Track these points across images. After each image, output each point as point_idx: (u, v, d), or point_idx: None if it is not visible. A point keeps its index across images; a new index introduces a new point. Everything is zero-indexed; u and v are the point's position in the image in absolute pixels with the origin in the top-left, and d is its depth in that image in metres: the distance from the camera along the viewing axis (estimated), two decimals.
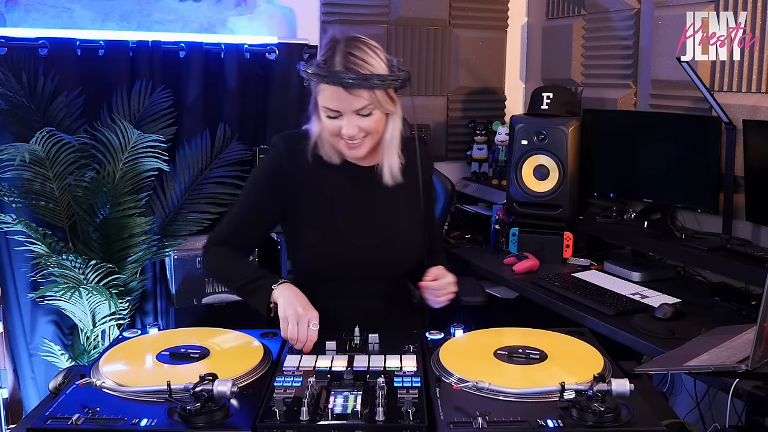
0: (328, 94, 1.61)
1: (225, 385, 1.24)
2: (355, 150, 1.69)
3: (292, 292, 1.65)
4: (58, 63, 2.96)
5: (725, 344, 1.52)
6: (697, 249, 2.51)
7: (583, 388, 1.22)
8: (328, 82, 1.59)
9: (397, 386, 1.34)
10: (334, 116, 1.64)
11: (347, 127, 1.63)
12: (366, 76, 1.58)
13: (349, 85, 1.57)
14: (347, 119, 1.62)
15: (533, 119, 3.07)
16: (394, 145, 1.74)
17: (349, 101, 1.60)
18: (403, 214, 1.80)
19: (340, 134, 1.65)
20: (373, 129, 1.66)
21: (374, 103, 1.62)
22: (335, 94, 1.60)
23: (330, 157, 1.75)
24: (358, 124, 1.63)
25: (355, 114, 1.62)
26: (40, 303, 2.98)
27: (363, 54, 1.60)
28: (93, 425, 1.24)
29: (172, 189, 3.11)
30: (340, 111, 1.62)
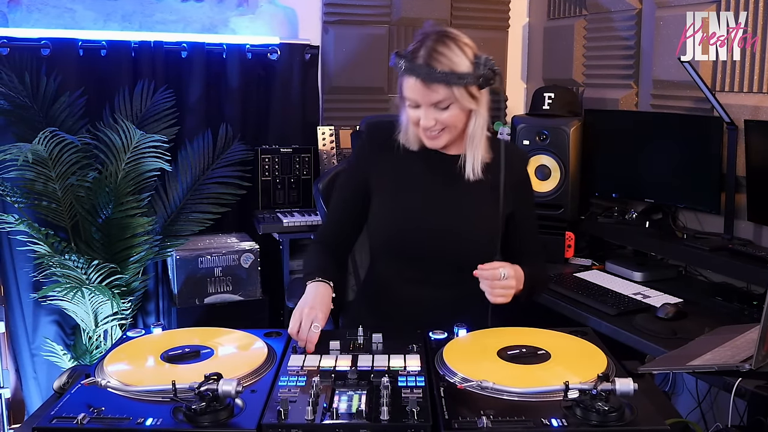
0: (410, 84, 1.67)
1: (230, 385, 1.24)
2: (433, 141, 1.74)
3: (315, 289, 1.69)
4: (60, 63, 2.97)
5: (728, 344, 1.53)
6: (699, 249, 2.51)
7: (587, 387, 1.23)
8: (409, 73, 1.65)
9: (401, 386, 1.34)
10: (414, 106, 1.70)
11: (424, 119, 1.69)
12: (445, 73, 1.63)
13: (427, 79, 1.63)
14: (424, 111, 1.68)
15: (535, 119, 3.07)
16: (477, 140, 1.76)
17: (426, 94, 1.65)
18: (477, 207, 1.81)
19: (418, 125, 1.72)
20: (450, 123, 1.70)
21: (451, 98, 1.66)
22: (414, 86, 1.66)
23: (409, 143, 1.81)
24: (436, 117, 1.68)
25: (433, 107, 1.67)
26: (42, 303, 2.99)
27: (448, 50, 1.65)
28: (98, 425, 1.24)
29: (174, 189, 3.12)
30: (418, 102, 1.68)
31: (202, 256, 3.01)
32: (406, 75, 1.67)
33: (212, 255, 3.02)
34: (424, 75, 1.63)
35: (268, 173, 3.22)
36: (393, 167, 1.82)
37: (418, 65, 1.63)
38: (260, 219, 3.13)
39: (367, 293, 2.01)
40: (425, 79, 1.63)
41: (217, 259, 3.03)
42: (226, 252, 3.03)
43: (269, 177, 3.22)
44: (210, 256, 3.02)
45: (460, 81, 1.65)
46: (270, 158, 3.22)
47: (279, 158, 3.24)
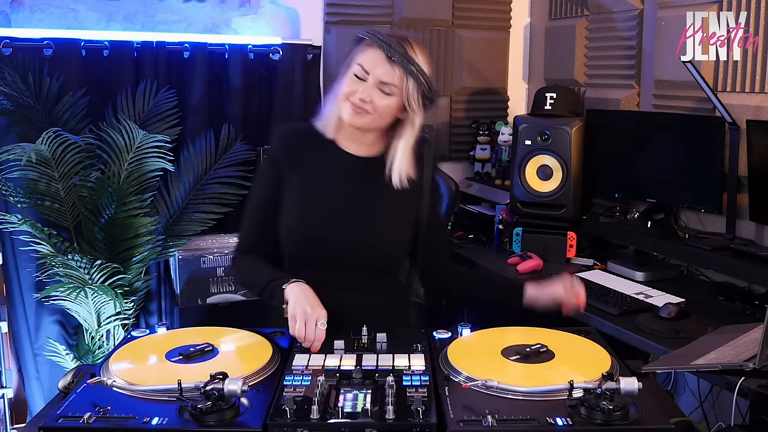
0: (369, 54, 1.68)
1: (236, 384, 1.25)
2: (356, 116, 1.71)
3: (301, 291, 1.66)
4: (62, 63, 2.97)
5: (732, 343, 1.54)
6: (701, 249, 2.52)
7: (592, 386, 1.23)
8: (379, 45, 1.67)
9: (406, 385, 1.35)
10: (361, 77, 1.69)
11: (363, 91, 1.68)
12: (410, 59, 1.67)
13: (391, 55, 1.66)
14: (367, 84, 1.68)
15: (537, 119, 3.07)
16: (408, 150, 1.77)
17: (382, 69, 1.67)
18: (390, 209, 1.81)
19: (351, 96, 1.70)
20: (382, 111, 1.71)
21: (401, 88, 1.69)
22: (375, 58, 1.67)
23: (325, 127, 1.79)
24: (373, 96, 1.68)
25: (378, 87, 1.68)
26: (44, 303, 2.99)
27: (417, 48, 1.71)
28: (104, 424, 1.25)
29: (177, 189, 3.12)
30: (368, 73, 1.68)
31: (205, 256, 3.01)
32: (372, 45, 1.68)
33: (214, 255, 3.03)
34: (392, 51, 1.66)
35: None
36: (304, 170, 1.79)
37: (389, 41, 1.68)
38: None
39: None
40: (390, 54, 1.66)
41: (219, 259, 3.03)
42: (228, 252, 3.03)
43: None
44: (212, 256, 3.02)
45: (418, 75, 1.68)
46: None
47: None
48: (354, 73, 1.70)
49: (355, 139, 1.80)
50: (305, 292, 1.65)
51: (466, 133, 3.75)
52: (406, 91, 1.69)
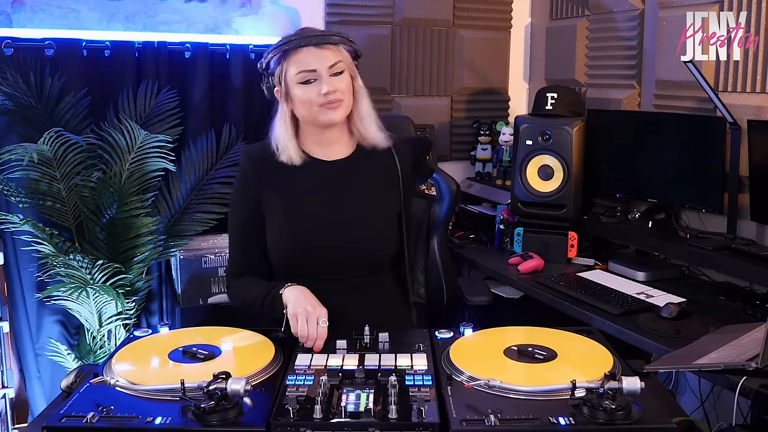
0: (301, 57, 1.71)
1: (239, 384, 1.25)
2: (335, 111, 1.74)
3: (299, 292, 1.68)
4: (64, 64, 2.96)
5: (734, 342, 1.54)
6: (702, 248, 2.52)
7: (594, 386, 1.23)
8: (301, 45, 1.70)
9: (408, 384, 1.35)
10: (311, 79, 1.71)
11: (326, 85, 1.70)
12: (329, 32, 1.76)
13: (319, 41, 1.70)
14: (325, 78, 1.70)
15: (538, 119, 3.07)
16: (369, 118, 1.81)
17: (322, 57, 1.70)
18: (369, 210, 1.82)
19: (317, 100, 1.71)
20: (347, 89, 1.75)
21: (343, 59, 1.74)
22: (309, 55, 1.70)
23: (290, 157, 1.79)
24: (334, 83, 1.71)
25: (329, 74, 1.71)
26: (46, 303, 2.99)
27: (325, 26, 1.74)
28: (108, 423, 1.25)
29: (178, 189, 3.12)
30: (315, 69, 1.70)
31: (206, 256, 3.02)
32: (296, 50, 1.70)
33: (216, 255, 3.03)
34: (315, 39, 1.70)
35: None
36: (279, 186, 1.81)
37: (306, 35, 1.72)
38: None
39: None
40: (317, 43, 1.70)
41: (220, 259, 3.03)
42: None
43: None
44: (213, 256, 3.03)
45: (342, 40, 1.74)
46: None
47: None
48: (299, 82, 1.72)
49: (322, 143, 1.82)
50: (303, 292, 1.67)
51: (466, 133, 3.75)
52: (345, 59, 1.75)
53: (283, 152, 1.79)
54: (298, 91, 1.72)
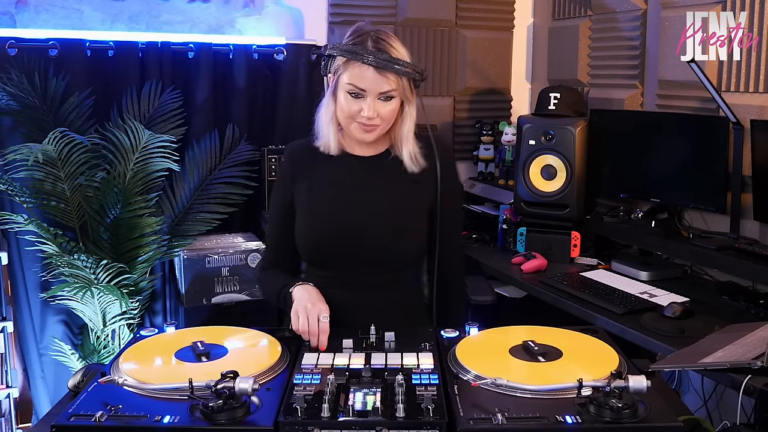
0: (357, 72, 1.65)
1: (246, 383, 1.26)
2: (368, 134, 1.72)
3: (304, 290, 1.69)
4: (68, 64, 2.97)
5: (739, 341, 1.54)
6: (706, 248, 2.52)
7: (601, 384, 1.24)
8: (361, 60, 1.63)
9: (415, 383, 1.35)
10: (357, 95, 1.67)
11: (368, 110, 1.67)
12: (396, 60, 1.65)
13: (382, 65, 1.63)
14: (369, 101, 1.67)
15: (541, 119, 3.08)
16: (411, 137, 1.77)
17: (377, 82, 1.65)
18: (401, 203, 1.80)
19: (356, 116, 1.69)
20: (388, 117, 1.71)
21: (399, 89, 1.67)
22: (365, 74, 1.65)
23: (328, 147, 1.78)
24: (378, 109, 1.68)
25: (378, 98, 1.67)
26: (49, 302, 3.00)
27: (393, 42, 1.68)
28: (116, 422, 1.25)
29: (182, 189, 3.13)
30: (365, 90, 1.66)
31: (210, 255, 3.02)
32: (355, 62, 1.64)
33: (219, 255, 3.03)
34: (378, 61, 1.63)
35: (275, 173, 3.23)
36: (312, 179, 1.81)
37: (370, 51, 1.63)
38: (266, 218, 3.14)
39: None
40: (379, 65, 1.63)
41: (224, 258, 3.04)
42: (233, 252, 3.04)
43: (276, 177, 3.22)
44: (217, 255, 3.03)
45: (408, 70, 1.66)
46: (276, 158, 3.22)
47: None
48: (348, 92, 1.68)
49: (360, 143, 1.81)
50: (308, 290, 1.68)
51: (469, 133, 3.76)
52: (402, 88, 1.69)
53: (322, 140, 1.79)
54: (342, 98, 1.70)
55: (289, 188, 1.84)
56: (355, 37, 1.68)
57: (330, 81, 1.73)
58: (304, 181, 1.82)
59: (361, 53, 1.63)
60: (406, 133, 1.76)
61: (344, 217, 1.79)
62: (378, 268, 1.81)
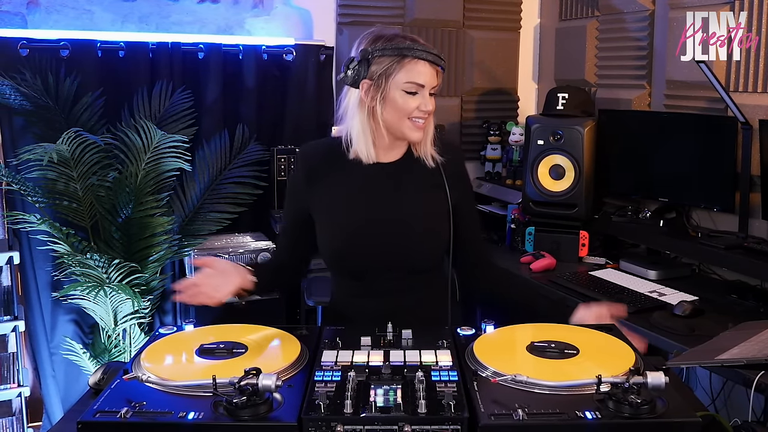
0: (419, 68, 1.69)
1: (270, 379, 1.27)
2: (419, 130, 1.74)
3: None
4: (79, 64, 3.00)
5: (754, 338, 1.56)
6: (714, 247, 2.54)
7: (620, 380, 1.25)
8: (421, 56, 1.68)
9: (435, 380, 1.36)
10: (415, 92, 1.70)
11: (427, 104, 1.71)
12: (439, 55, 1.71)
13: (435, 60, 1.69)
14: (426, 96, 1.71)
15: (549, 119, 3.10)
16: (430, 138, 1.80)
17: (432, 76, 1.71)
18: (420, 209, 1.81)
19: (413, 113, 1.71)
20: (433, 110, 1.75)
21: (439, 85, 1.74)
22: (425, 69, 1.69)
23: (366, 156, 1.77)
24: (431, 103, 1.73)
25: (429, 93, 1.72)
26: (61, 302, 3.02)
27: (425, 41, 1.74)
28: (141, 419, 1.27)
29: (192, 189, 3.15)
30: (424, 85, 1.70)
31: (220, 255, 3.03)
32: (411, 59, 1.67)
33: (229, 254, 3.05)
34: (433, 57, 1.69)
35: (284, 173, 3.25)
36: (330, 184, 1.80)
37: (426, 49, 1.68)
38: (276, 218, 3.16)
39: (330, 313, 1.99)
40: (434, 61, 1.69)
41: (234, 258, 3.05)
42: (243, 251, 3.06)
43: (285, 177, 3.24)
44: (227, 255, 3.04)
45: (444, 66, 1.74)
46: (285, 158, 3.25)
47: (294, 158, 3.26)
48: (405, 90, 1.69)
49: (384, 147, 1.80)
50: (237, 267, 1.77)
51: (476, 133, 3.77)
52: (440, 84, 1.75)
53: (355, 147, 1.77)
54: (398, 98, 1.70)
55: (303, 194, 1.82)
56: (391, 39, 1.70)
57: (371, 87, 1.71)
58: (322, 187, 1.81)
59: (417, 50, 1.67)
60: (431, 132, 1.79)
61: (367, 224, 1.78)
62: (406, 273, 1.81)
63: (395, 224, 1.78)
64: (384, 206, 1.79)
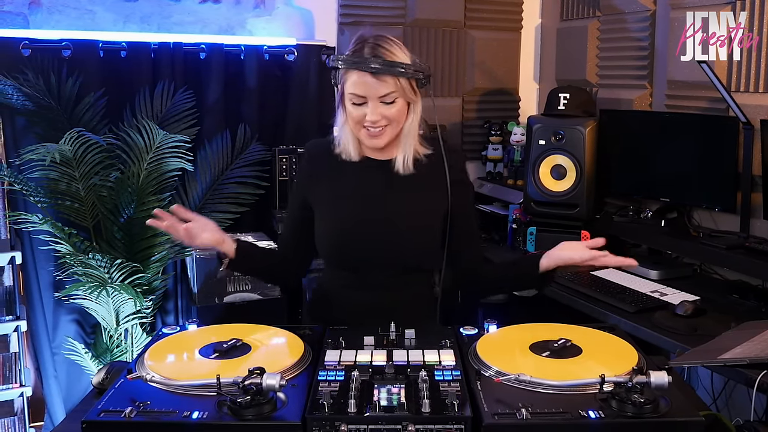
0: (355, 79, 1.70)
1: (274, 379, 1.27)
2: (376, 139, 1.75)
3: None
4: (81, 64, 3.00)
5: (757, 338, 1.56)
6: (716, 247, 2.54)
7: (623, 380, 1.26)
8: (357, 68, 1.69)
9: (438, 379, 1.37)
10: (360, 102, 1.72)
11: (371, 114, 1.71)
12: (392, 63, 1.69)
13: (376, 70, 1.67)
14: (371, 106, 1.71)
15: (550, 119, 3.10)
16: (411, 137, 1.80)
17: (375, 87, 1.69)
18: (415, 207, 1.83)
19: (363, 122, 1.73)
20: (394, 117, 1.74)
21: (398, 90, 1.71)
22: (362, 80, 1.69)
23: (349, 154, 1.82)
24: (382, 112, 1.72)
25: (380, 101, 1.71)
26: (63, 302, 3.02)
27: (389, 46, 1.72)
28: (145, 418, 1.27)
29: (194, 189, 3.15)
30: (365, 97, 1.71)
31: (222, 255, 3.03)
32: (352, 70, 1.70)
33: None
34: (372, 67, 1.67)
35: (286, 173, 3.25)
36: (330, 180, 1.85)
37: (365, 58, 1.68)
38: (278, 218, 3.15)
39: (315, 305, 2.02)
40: (374, 71, 1.68)
41: None
42: None
43: (286, 177, 3.24)
44: None
45: (405, 72, 1.70)
46: (287, 158, 3.25)
47: (296, 158, 3.27)
48: (352, 102, 1.73)
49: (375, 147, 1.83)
50: None
51: (477, 133, 3.78)
52: (402, 89, 1.72)
53: (342, 148, 1.83)
54: (348, 106, 1.75)
55: (306, 189, 1.88)
56: (353, 45, 1.74)
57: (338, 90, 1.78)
58: (322, 183, 1.86)
59: (358, 61, 1.69)
60: (407, 132, 1.79)
61: (363, 221, 1.82)
62: (396, 269, 1.83)
63: (384, 222, 1.81)
64: (375, 204, 1.82)
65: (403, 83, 1.71)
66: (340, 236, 1.82)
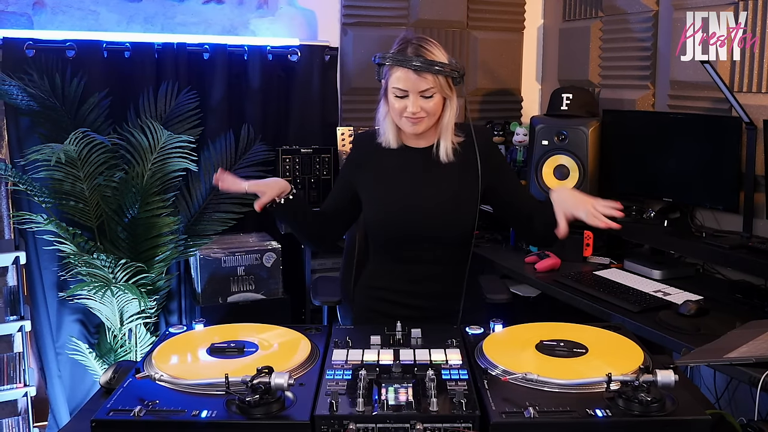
0: (399, 75, 1.91)
1: (282, 378, 1.28)
2: (416, 125, 1.95)
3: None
4: (85, 65, 3.00)
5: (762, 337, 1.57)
6: (719, 247, 2.55)
7: (630, 379, 1.26)
8: (401, 65, 1.90)
9: (445, 378, 1.38)
10: (402, 96, 1.92)
11: (412, 106, 1.91)
12: (432, 62, 1.89)
13: (418, 68, 1.88)
14: (412, 99, 1.91)
15: (553, 120, 3.11)
16: (449, 129, 2.02)
17: (416, 83, 1.89)
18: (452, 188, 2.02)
19: (404, 113, 1.93)
20: (432, 110, 1.94)
21: (436, 86, 1.91)
22: (405, 77, 1.90)
23: (389, 142, 2.04)
24: (421, 105, 1.92)
25: (420, 95, 1.91)
26: (67, 302, 3.02)
27: (430, 47, 1.93)
28: (154, 417, 1.28)
29: (198, 189, 3.16)
30: (407, 90, 1.91)
31: (225, 255, 3.05)
32: (397, 67, 1.90)
33: (235, 254, 3.06)
34: (414, 65, 1.88)
35: (289, 173, 3.26)
36: (375, 166, 2.08)
37: (409, 57, 1.89)
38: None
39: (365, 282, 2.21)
40: (416, 68, 1.88)
41: (239, 258, 3.07)
42: (248, 251, 3.07)
43: (290, 177, 3.25)
44: (233, 255, 3.06)
45: (442, 70, 1.90)
46: (290, 159, 3.26)
47: (299, 159, 3.28)
48: (395, 95, 1.93)
49: (415, 136, 2.04)
50: None
51: None
52: (440, 86, 1.92)
53: (383, 136, 2.06)
54: (391, 99, 1.95)
55: (353, 172, 2.12)
56: (398, 45, 1.95)
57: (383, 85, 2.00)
58: (367, 170, 2.09)
59: (402, 60, 1.89)
60: (446, 124, 2.01)
61: (409, 203, 2.02)
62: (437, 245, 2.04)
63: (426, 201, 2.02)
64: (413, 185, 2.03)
65: (440, 80, 1.91)
66: (380, 217, 2.05)
